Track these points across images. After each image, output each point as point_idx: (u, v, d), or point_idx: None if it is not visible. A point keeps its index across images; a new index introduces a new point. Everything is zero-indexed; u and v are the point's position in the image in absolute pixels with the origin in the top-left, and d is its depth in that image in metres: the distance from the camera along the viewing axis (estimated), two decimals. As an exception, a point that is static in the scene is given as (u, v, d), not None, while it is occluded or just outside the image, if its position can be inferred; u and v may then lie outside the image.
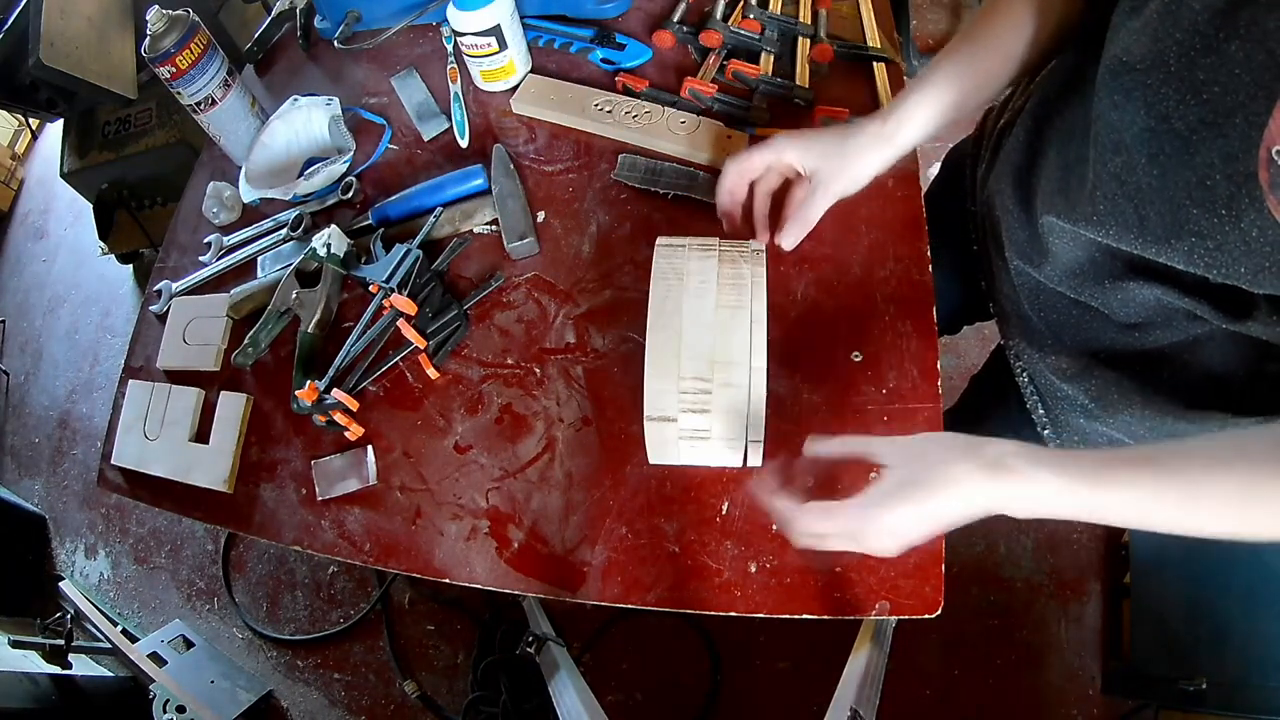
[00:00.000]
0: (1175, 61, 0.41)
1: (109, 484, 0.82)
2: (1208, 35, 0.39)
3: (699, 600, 0.64)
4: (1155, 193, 0.45)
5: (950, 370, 1.62)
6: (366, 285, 0.77)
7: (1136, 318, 0.56)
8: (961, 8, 2.10)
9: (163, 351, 0.85)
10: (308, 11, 1.03)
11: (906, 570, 0.62)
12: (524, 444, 0.73)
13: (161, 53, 0.81)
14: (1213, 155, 0.40)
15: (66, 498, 1.99)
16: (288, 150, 0.93)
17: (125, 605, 1.82)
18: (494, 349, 0.77)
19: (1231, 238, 0.41)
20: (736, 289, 0.60)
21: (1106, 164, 0.49)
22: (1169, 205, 0.44)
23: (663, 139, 0.83)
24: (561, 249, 0.81)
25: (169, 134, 1.68)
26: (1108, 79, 0.48)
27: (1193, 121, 0.41)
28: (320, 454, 0.76)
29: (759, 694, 1.45)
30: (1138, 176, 0.46)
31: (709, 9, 0.89)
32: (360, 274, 0.77)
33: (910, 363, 0.69)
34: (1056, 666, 1.38)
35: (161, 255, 0.95)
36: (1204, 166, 0.41)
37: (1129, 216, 0.48)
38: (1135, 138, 0.46)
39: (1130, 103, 0.45)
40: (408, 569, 0.70)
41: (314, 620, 1.68)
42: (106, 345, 2.18)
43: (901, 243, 0.74)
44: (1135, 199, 0.47)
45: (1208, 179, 0.40)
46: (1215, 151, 0.40)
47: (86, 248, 2.24)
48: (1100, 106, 0.49)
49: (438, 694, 1.56)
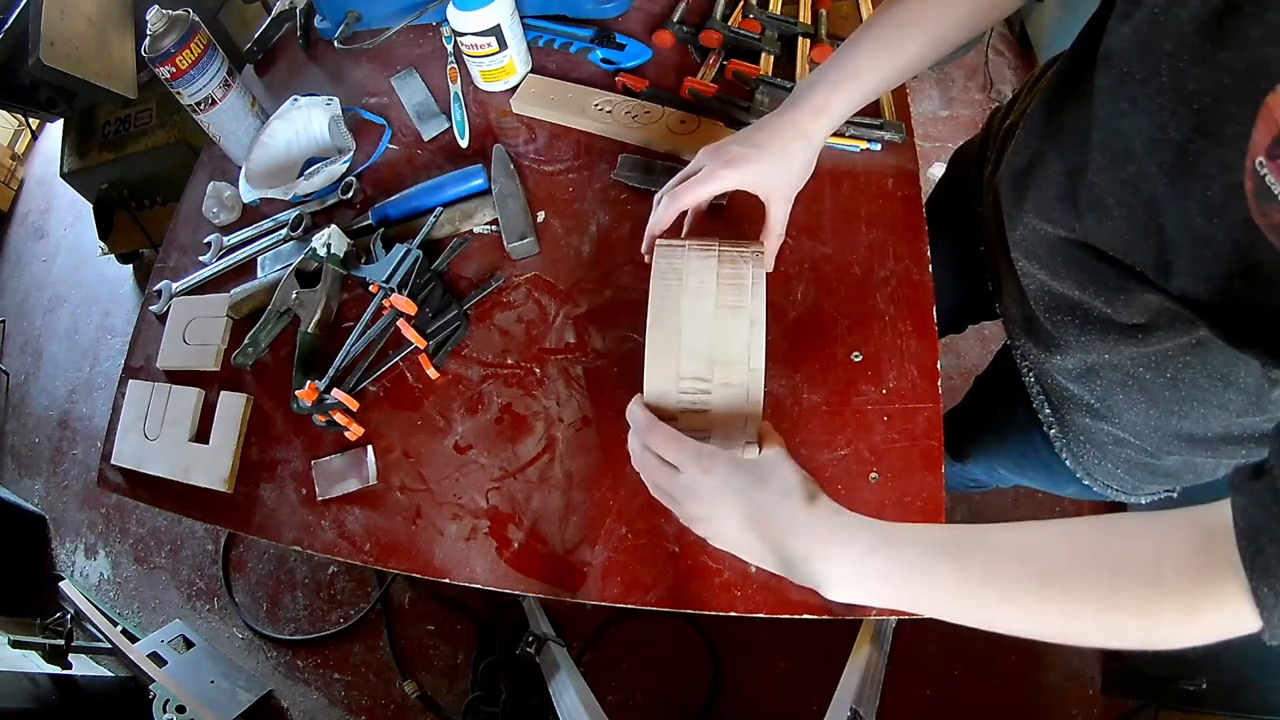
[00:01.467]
0: (1167, 72, 0.41)
1: (109, 484, 0.82)
2: (1194, 46, 0.39)
3: (699, 600, 0.64)
4: (1170, 200, 0.44)
5: (950, 370, 1.62)
6: (367, 285, 0.77)
7: (1139, 319, 0.56)
8: (961, 8, 2.10)
9: (163, 351, 0.85)
10: (308, 11, 1.03)
11: (906, 570, 0.62)
12: (524, 444, 0.73)
13: (161, 53, 0.81)
14: (1212, 166, 0.40)
15: (66, 498, 1.99)
16: (288, 150, 0.93)
17: (125, 605, 1.82)
18: (494, 349, 0.77)
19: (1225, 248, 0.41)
20: (736, 289, 0.60)
21: (1118, 171, 0.48)
22: (1182, 215, 0.44)
23: (663, 139, 0.83)
24: (561, 249, 0.81)
25: (169, 134, 1.68)
26: (1114, 85, 0.47)
27: (1188, 131, 0.41)
28: (320, 454, 0.76)
29: (759, 694, 1.45)
30: (1151, 184, 0.46)
31: (709, 9, 0.89)
32: (360, 274, 0.77)
33: (910, 363, 0.69)
34: (1056, 666, 1.38)
35: (161, 255, 0.95)
36: (1206, 177, 0.40)
37: (1147, 225, 0.47)
38: (1143, 146, 0.45)
39: (1137, 110, 0.45)
40: (408, 569, 0.70)
41: (314, 620, 1.68)
42: (106, 345, 2.18)
43: (901, 243, 0.74)
44: (1152, 207, 0.46)
45: (1209, 189, 0.40)
46: (1214, 162, 0.40)
47: (86, 248, 2.24)
48: (1105, 113, 0.48)
49: (438, 694, 1.56)
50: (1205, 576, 0.39)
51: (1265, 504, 0.37)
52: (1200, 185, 0.41)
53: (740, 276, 0.61)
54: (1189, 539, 0.41)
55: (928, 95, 2.02)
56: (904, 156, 0.78)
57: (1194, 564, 0.40)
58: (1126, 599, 0.41)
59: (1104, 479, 0.73)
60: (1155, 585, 0.41)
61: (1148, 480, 0.71)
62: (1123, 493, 0.74)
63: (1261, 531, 0.37)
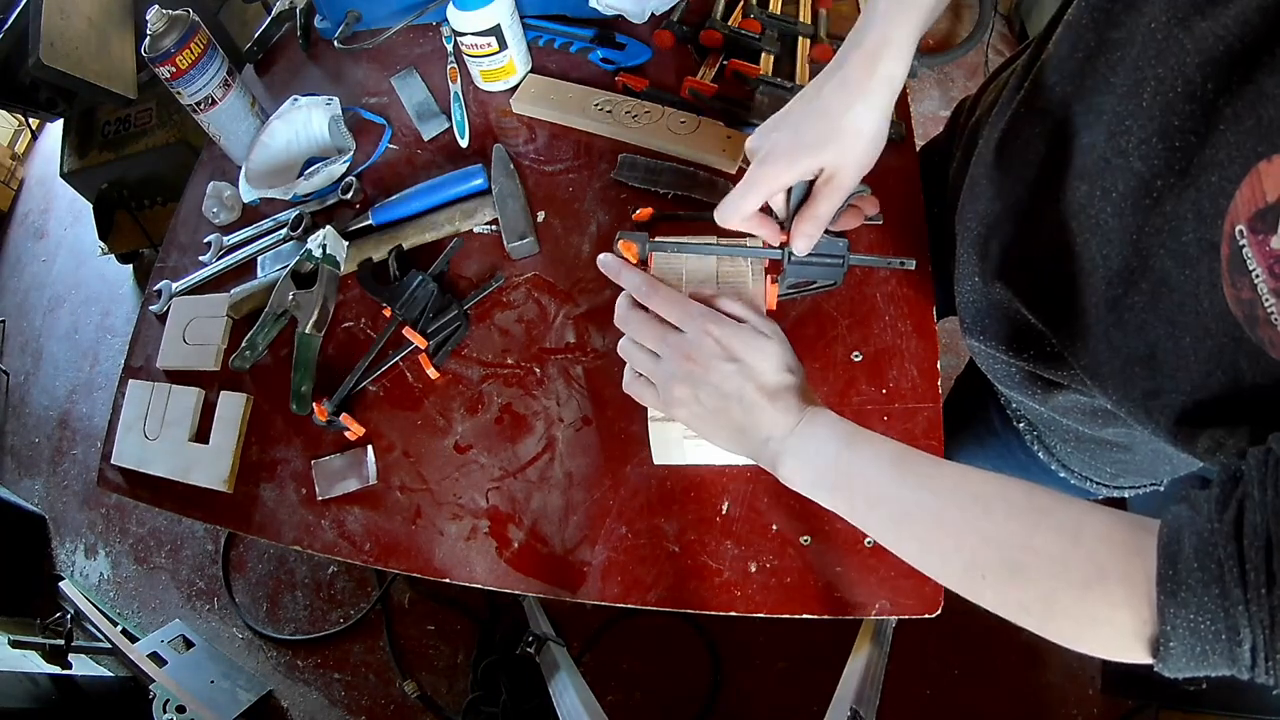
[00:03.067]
0: (1149, 98, 0.38)
1: (109, 484, 0.82)
2: (1194, 81, 0.36)
3: (699, 600, 0.64)
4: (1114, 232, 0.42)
5: (950, 371, 1.61)
6: (382, 305, 0.78)
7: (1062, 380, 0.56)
8: (962, 7, 2.10)
9: (163, 351, 0.85)
10: (308, 11, 1.03)
11: (906, 570, 0.62)
12: (524, 444, 0.73)
13: (161, 52, 0.81)
14: (1184, 208, 0.37)
15: (66, 498, 1.99)
16: (288, 150, 0.93)
17: (125, 605, 1.82)
18: (494, 349, 0.77)
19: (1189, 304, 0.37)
20: (736, 289, 0.60)
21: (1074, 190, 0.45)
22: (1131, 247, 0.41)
23: (663, 139, 0.83)
24: (561, 249, 0.81)
25: (169, 134, 1.68)
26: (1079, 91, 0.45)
27: (1158, 166, 0.38)
28: (320, 454, 0.76)
29: (759, 694, 1.45)
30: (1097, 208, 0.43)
31: (709, 9, 0.89)
32: (377, 295, 0.78)
33: (910, 363, 0.69)
34: (1056, 666, 1.38)
35: (161, 255, 0.95)
36: (1175, 217, 0.38)
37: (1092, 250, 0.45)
38: (1094, 165, 0.43)
39: (1099, 124, 0.43)
40: (408, 569, 0.70)
41: (314, 620, 1.68)
42: (106, 345, 2.18)
43: (901, 242, 0.74)
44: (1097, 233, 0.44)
45: (1181, 233, 0.37)
46: (1186, 204, 0.37)
47: (86, 248, 2.24)
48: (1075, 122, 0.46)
49: (438, 694, 1.56)
50: (1120, 551, 0.37)
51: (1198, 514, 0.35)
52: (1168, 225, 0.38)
53: (740, 275, 0.61)
54: (1119, 517, 0.39)
55: (928, 95, 2.02)
56: (904, 156, 0.78)
57: (1114, 536, 0.38)
58: (1040, 542, 0.40)
59: (1080, 470, 0.72)
60: (1071, 539, 0.39)
61: (1127, 473, 0.70)
62: (1104, 485, 0.73)
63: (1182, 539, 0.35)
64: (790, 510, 0.65)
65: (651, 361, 0.55)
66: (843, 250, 0.60)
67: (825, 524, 0.64)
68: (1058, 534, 0.40)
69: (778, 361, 0.53)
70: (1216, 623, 0.33)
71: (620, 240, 0.60)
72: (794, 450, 0.50)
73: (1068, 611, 0.39)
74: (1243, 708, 1.16)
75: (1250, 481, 0.33)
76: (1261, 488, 0.32)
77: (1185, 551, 0.34)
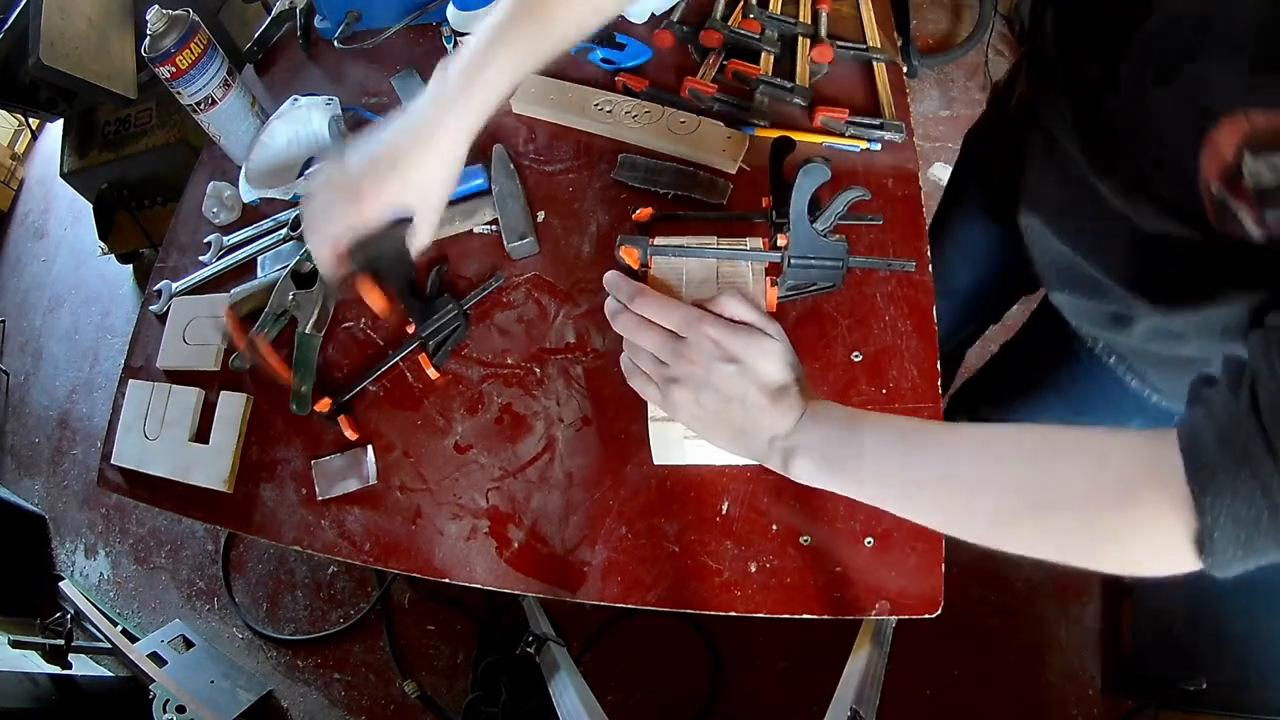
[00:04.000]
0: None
1: (109, 484, 0.82)
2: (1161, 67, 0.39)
3: (699, 600, 0.64)
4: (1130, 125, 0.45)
5: (950, 370, 1.61)
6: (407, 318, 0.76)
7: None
8: (962, 8, 2.10)
9: (163, 351, 0.85)
10: (308, 11, 1.03)
11: (906, 570, 0.62)
12: (524, 444, 0.73)
13: (161, 52, 0.81)
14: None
15: (66, 498, 1.99)
16: (288, 150, 0.93)
17: (125, 605, 1.82)
18: (494, 349, 0.77)
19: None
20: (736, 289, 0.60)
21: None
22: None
23: (663, 139, 0.83)
24: (561, 249, 0.81)
25: (169, 134, 1.68)
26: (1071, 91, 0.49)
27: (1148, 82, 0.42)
28: (320, 454, 0.76)
29: (759, 694, 1.45)
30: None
31: (709, 9, 0.89)
32: (408, 306, 0.74)
33: (910, 363, 0.69)
34: (1056, 666, 1.38)
35: (161, 255, 0.95)
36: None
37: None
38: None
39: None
40: (408, 569, 0.70)
41: (314, 620, 1.68)
42: (106, 345, 2.18)
43: (901, 242, 0.74)
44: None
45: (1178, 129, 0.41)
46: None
47: (86, 248, 2.24)
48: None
49: (438, 694, 1.56)
50: (1147, 463, 0.37)
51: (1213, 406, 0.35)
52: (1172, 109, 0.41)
53: (740, 275, 0.61)
54: (1138, 433, 0.39)
55: (928, 95, 2.02)
56: (904, 156, 0.78)
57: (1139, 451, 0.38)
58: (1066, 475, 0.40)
59: (1168, 390, 0.71)
60: (1097, 464, 0.39)
61: None
62: None
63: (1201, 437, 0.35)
64: (790, 510, 0.65)
65: (652, 364, 0.55)
66: (842, 252, 0.60)
67: (825, 524, 0.64)
68: (1083, 462, 0.40)
69: (779, 361, 0.53)
70: (1255, 503, 0.33)
71: (621, 245, 0.60)
72: (801, 446, 0.51)
73: (1110, 533, 0.39)
74: (1243, 708, 1.16)
75: (1257, 358, 0.34)
76: (1268, 363, 0.33)
77: (1207, 442, 0.35)
